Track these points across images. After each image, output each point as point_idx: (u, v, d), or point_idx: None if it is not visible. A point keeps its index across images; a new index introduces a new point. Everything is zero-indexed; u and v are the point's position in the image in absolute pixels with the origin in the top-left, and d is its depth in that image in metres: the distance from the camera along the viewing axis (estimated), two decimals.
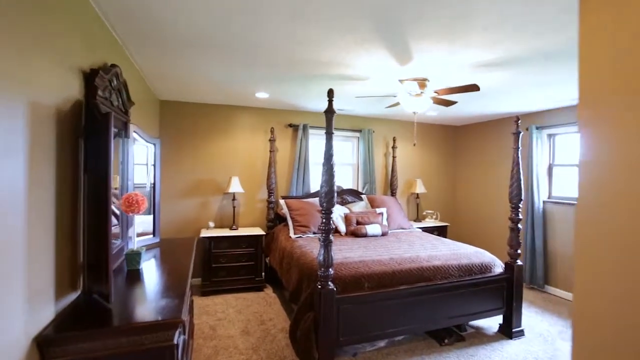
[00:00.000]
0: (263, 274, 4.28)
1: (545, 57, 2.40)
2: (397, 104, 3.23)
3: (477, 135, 5.49)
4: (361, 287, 2.62)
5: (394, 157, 5.23)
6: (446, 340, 2.95)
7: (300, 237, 3.85)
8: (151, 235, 2.63)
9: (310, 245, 3.40)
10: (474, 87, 2.63)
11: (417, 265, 2.89)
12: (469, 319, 3.00)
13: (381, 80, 3.02)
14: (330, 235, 2.43)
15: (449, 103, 3.18)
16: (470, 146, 5.65)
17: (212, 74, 3.06)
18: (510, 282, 3.10)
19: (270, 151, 4.49)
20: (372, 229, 4.02)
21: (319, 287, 2.40)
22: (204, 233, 4.00)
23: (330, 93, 2.35)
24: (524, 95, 3.54)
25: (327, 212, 2.42)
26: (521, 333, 3.13)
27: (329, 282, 2.42)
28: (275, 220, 4.51)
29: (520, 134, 3.11)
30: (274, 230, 4.32)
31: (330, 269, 2.42)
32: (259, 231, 4.24)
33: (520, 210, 3.12)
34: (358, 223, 4.14)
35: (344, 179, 5.11)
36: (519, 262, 3.13)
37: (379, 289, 2.64)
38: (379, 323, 2.60)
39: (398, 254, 3.12)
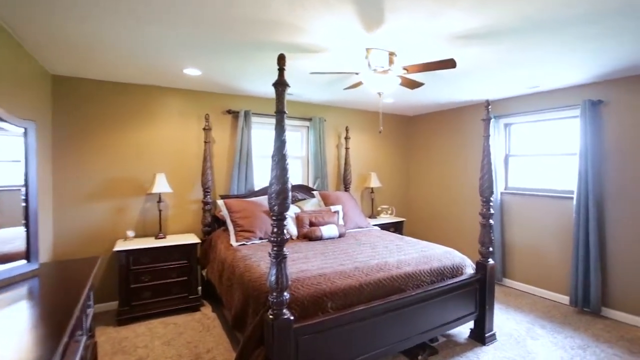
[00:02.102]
0: (199, 289, 3.57)
1: (534, 25, 2.04)
2: (359, 83, 2.73)
3: (431, 125, 5.27)
4: (323, 308, 2.09)
5: (347, 148, 4.77)
6: (419, 357, 2.56)
7: (243, 244, 3.21)
8: (23, 261, 1.81)
9: (256, 255, 2.79)
10: (450, 63, 2.23)
11: (387, 274, 2.44)
12: (443, 330, 2.64)
13: (342, 52, 2.48)
14: (284, 249, 1.85)
15: (415, 85, 2.77)
16: (424, 137, 5.41)
17: (117, 38, 2.27)
18: (482, 283, 2.82)
19: (206, 142, 3.74)
20: (328, 230, 3.52)
21: (271, 317, 1.82)
22: (120, 246, 3.15)
23: (282, 60, 1.76)
24: (491, 77, 3.21)
25: (279, 218, 1.83)
26: (493, 337, 2.87)
27: (284, 310, 1.85)
28: (213, 224, 3.79)
29: (491, 120, 2.82)
30: (211, 237, 3.61)
31: (284, 293, 1.84)
32: (193, 239, 3.50)
33: (491, 204, 2.84)
34: (311, 224, 3.61)
35: (293, 173, 4.53)
36: (491, 260, 2.86)
37: (345, 309, 2.13)
38: (346, 351, 2.10)
39: (362, 260, 2.65)
